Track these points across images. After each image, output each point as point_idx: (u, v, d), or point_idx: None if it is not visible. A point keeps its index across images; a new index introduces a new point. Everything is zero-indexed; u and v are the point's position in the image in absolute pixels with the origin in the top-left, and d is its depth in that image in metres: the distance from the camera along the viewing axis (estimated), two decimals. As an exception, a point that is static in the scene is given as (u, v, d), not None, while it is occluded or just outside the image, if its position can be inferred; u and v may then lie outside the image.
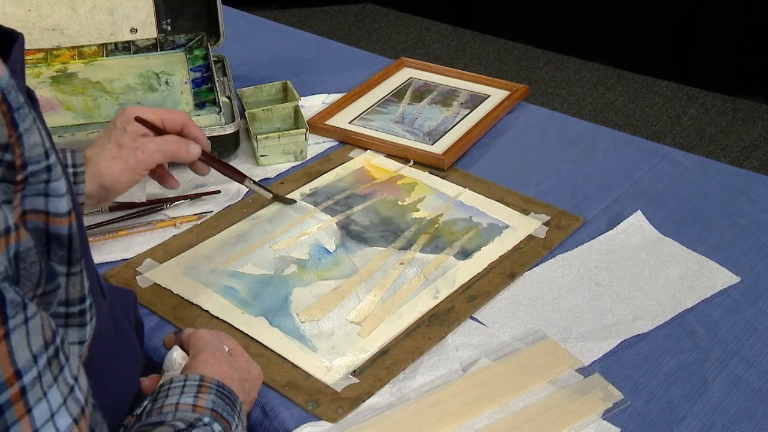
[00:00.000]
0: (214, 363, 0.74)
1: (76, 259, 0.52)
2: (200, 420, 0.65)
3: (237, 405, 0.70)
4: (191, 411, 0.66)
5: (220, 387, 0.70)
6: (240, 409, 0.70)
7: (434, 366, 0.86)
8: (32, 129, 0.48)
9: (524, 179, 1.16)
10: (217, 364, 0.74)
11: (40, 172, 0.48)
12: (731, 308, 0.93)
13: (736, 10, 2.70)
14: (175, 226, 1.07)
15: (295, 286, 0.97)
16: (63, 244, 0.51)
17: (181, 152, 0.95)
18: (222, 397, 0.69)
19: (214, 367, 0.73)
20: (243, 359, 0.80)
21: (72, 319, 0.53)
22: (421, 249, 1.02)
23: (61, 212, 0.50)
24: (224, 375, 0.73)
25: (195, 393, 0.68)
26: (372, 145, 1.22)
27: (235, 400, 0.70)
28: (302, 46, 1.57)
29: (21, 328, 0.44)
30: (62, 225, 0.50)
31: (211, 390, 0.69)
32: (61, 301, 0.52)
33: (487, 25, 3.29)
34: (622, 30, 2.99)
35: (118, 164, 0.92)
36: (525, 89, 1.36)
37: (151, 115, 0.95)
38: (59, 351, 0.47)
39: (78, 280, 0.53)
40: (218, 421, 0.66)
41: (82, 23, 1.35)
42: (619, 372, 0.85)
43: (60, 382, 0.47)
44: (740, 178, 1.15)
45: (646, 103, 2.81)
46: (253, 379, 0.79)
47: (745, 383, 0.84)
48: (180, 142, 0.96)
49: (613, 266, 0.99)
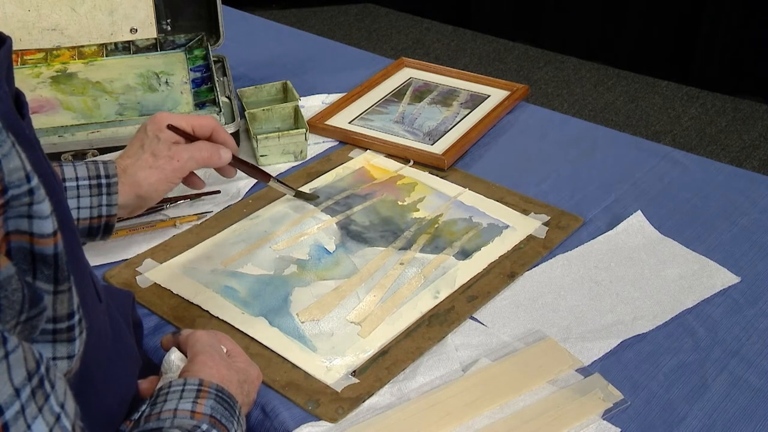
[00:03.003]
0: (212, 366, 0.74)
1: (64, 277, 0.52)
2: (198, 427, 0.64)
3: (236, 409, 0.70)
4: (189, 417, 0.66)
5: (219, 391, 0.70)
6: (239, 413, 0.70)
7: (434, 366, 0.86)
8: (11, 154, 0.47)
9: (524, 179, 1.16)
10: (215, 367, 0.74)
11: (22, 196, 0.48)
12: (731, 308, 0.93)
13: (736, 10, 2.70)
14: (175, 226, 1.07)
15: (295, 286, 0.97)
16: (49, 263, 0.50)
17: (214, 158, 0.97)
18: (221, 402, 0.69)
19: (213, 370, 0.73)
20: (241, 360, 0.79)
21: (60, 335, 0.53)
22: (421, 249, 1.02)
23: (46, 233, 0.49)
24: (223, 378, 0.73)
25: (194, 398, 0.68)
26: (372, 145, 1.22)
27: (234, 405, 0.70)
28: (302, 46, 1.57)
29: (1, 363, 0.44)
30: (47, 245, 0.50)
31: (210, 395, 0.69)
32: (49, 318, 0.52)
33: (487, 25, 3.29)
34: (622, 30, 2.99)
35: (155, 174, 0.94)
36: (525, 89, 1.36)
37: (182, 122, 0.96)
38: (44, 380, 0.47)
39: (66, 297, 0.53)
40: (216, 427, 0.66)
41: (82, 23, 1.35)
42: (619, 372, 0.85)
43: (45, 412, 0.46)
44: (740, 178, 1.15)
45: (646, 103, 2.81)
46: (252, 380, 0.79)
47: (745, 383, 0.84)
48: (212, 149, 0.97)
49: (613, 266, 0.99)
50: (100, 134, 1.14)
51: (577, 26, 3.08)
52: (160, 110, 1.20)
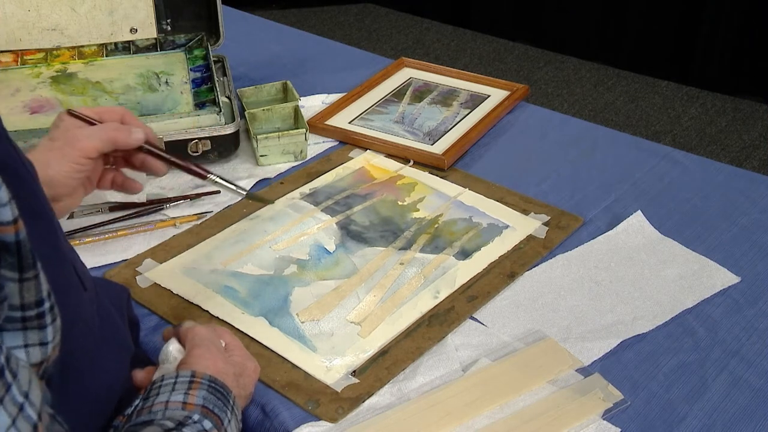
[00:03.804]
0: (209, 358, 0.74)
1: (29, 265, 0.52)
2: (190, 418, 0.64)
3: (230, 400, 0.70)
4: (181, 408, 0.66)
5: (212, 382, 0.70)
6: (234, 404, 0.70)
7: (434, 366, 0.86)
8: None
9: (524, 179, 1.16)
10: (212, 360, 0.74)
11: None
12: (731, 308, 0.93)
13: (736, 10, 2.70)
14: (175, 226, 1.07)
15: (295, 286, 0.97)
16: (11, 251, 0.50)
17: (122, 136, 0.86)
18: (213, 393, 0.69)
19: (209, 363, 0.73)
20: (239, 354, 0.80)
21: (30, 322, 0.53)
22: (421, 249, 1.02)
23: (4, 221, 0.49)
24: (219, 370, 0.73)
25: (186, 390, 0.68)
26: (372, 145, 1.22)
27: (227, 395, 0.70)
28: (302, 46, 1.57)
29: None
30: (8, 233, 0.49)
31: (203, 386, 0.69)
32: (16, 305, 0.52)
33: (487, 25, 3.29)
34: (622, 30, 2.99)
35: (53, 156, 0.85)
36: (525, 89, 1.36)
37: (85, 110, 0.90)
38: (4, 370, 0.47)
39: (33, 285, 0.52)
40: (209, 417, 0.66)
41: (82, 23, 1.35)
42: (619, 372, 0.85)
43: (7, 402, 0.47)
44: (740, 178, 1.15)
45: (646, 103, 2.81)
46: (249, 374, 0.79)
47: (745, 383, 0.84)
48: (120, 127, 0.87)
49: (613, 266, 0.99)
50: (100, 134, 1.14)
51: (577, 26, 3.08)
52: (160, 110, 1.20)
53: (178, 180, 1.16)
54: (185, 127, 1.16)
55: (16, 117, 1.18)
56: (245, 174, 1.17)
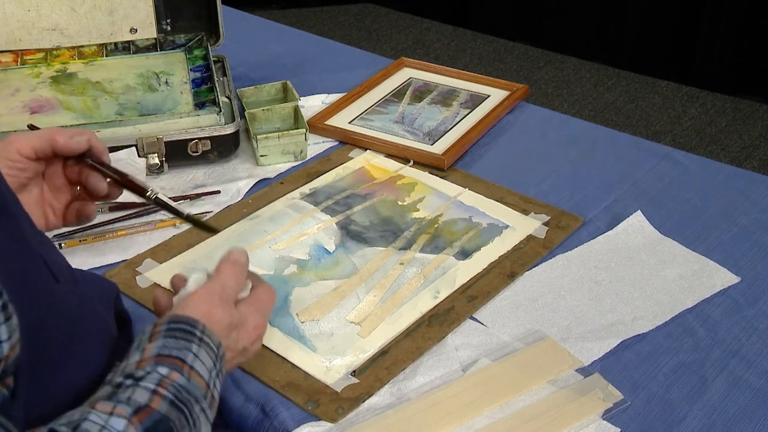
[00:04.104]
0: (205, 302, 0.72)
1: None
2: (144, 378, 0.63)
3: (195, 335, 0.68)
4: (135, 368, 0.64)
5: (172, 323, 0.68)
6: (203, 339, 0.68)
7: (434, 366, 0.86)
8: None
9: (524, 179, 1.16)
10: (206, 305, 0.72)
11: None
12: (731, 308, 0.93)
13: (736, 10, 2.70)
14: (175, 226, 1.07)
15: (295, 286, 0.97)
16: None
17: (61, 138, 0.80)
18: (172, 335, 0.67)
19: (204, 306, 0.72)
20: (246, 308, 0.77)
21: None
22: (421, 249, 1.02)
23: None
24: (211, 316, 0.71)
25: (143, 347, 0.66)
26: (372, 145, 1.22)
27: (193, 329, 0.68)
28: (302, 46, 1.57)
29: None
30: None
31: (160, 334, 0.67)
32: None
33: (487, 25, 3.29)
34: (622, 30, 2.99)
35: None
36: (525, 89, 1.36)
37: None
38: None
39: None
40: (163, 363, 0.64)
41: (81, 23, 1.35)
42: (619, 372, 0.85)
43: None
44: (740, 178, 1.15)
45: (646, 103, 2.81)
46: (248, 329, 0.77)
47: (745, 383, 0.84)
48: (61, 131, 0.82)
49: (613, 266, 0.99)
50: (100, 134, 1.14)
51: (577, 26, 3.08)
52: (160, 110, 1.20)
53: (178, 180, 1.16)
54: (185, 127, 1.16)
55: (16, 117, 1.18)
56: (245, 174, 1.17)
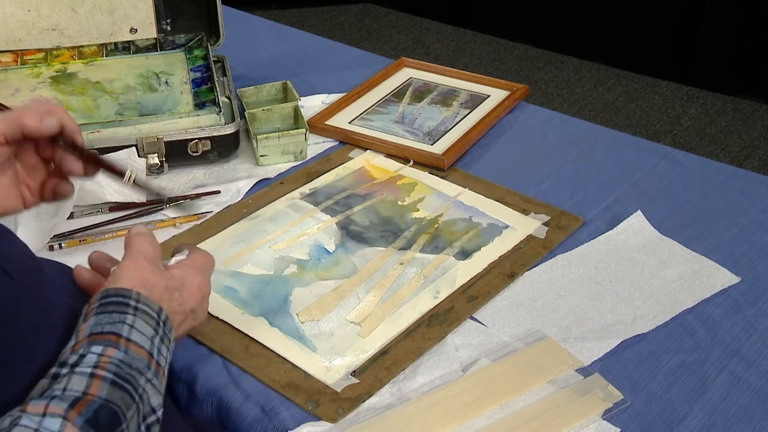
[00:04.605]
0: (134, 269, 0.70)
1: None
2: (78, 363, 0.60)
3: (130, 305, 0.66)
4: (70, 353, 0.62)
5: (104, 298, 0.66)
6: (144, 309, 0.66)
7: (434, 366, 0.86)
8: None
9: (524, 179, 1.16)
10: (137, 272, 0.70)
11: None
12: (731, 308, 0.93)
13: (736, 10, 2.70)
14: (174, 226, 1.07)
15: (295, 286, 0.97)
16: None
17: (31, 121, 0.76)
18: (103, 311, 0.65)
19: (134, 274, 0.70)
20: (184, 268, 0.76)
21: None
22: (421, 249, 1.02)
23: None
24: (144, 282, 0.69)
25: (78, 328, 0.64)
26: (372, 145, 1.22)
27: (126, 300, 0.66)
28: (302, 46, 1.57)
29: None
30: None
31: (93, 312, 0.65)
32: None
33: (487, 25, 3.29)
34: (622, 30, 2.99)
35: None
36: (525, 89, 1.36)
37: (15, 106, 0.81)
38: None
39: None
40: (97, 342, 0.62)
41: (81, 23, 1.35)
42: (619, 372, 0.85)
43: None
44: (740, 178, 1.15)
45: (646, 103, 2.81)
46: (192, 290, 0.74)
47: (745, 383, 0.84)
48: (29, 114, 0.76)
49: (613, 266, 0.99)
50: (100, 134, 1.14)
51: (577, 26, 3.08)
52: (160, 110, 1.20)
53: (178, 180, 1.16)
54: (185, 127, 1.16)
55: (16, 117, 1.18)
56: (245, 174, 1.17)
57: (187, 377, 0.86)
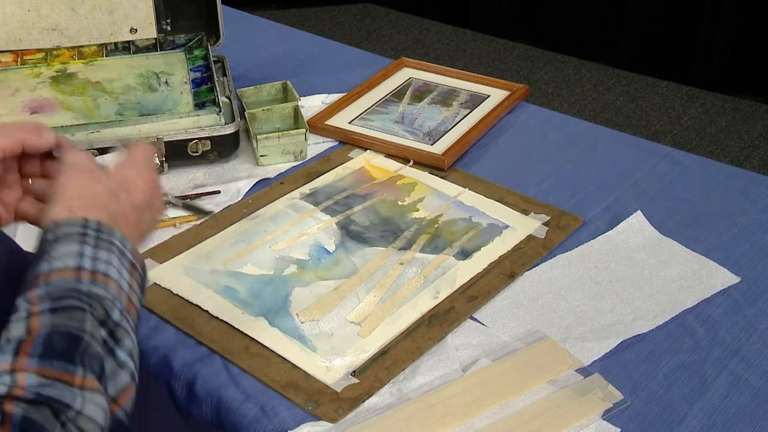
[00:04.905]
0: (73, 184, 0.69)
1: None
2: None
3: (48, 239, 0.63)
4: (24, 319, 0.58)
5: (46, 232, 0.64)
6: (66, 231, 0.64)
7: (434, 366, 0.86)
8: None
9: (524, 179, 1.16)
10: (78, 184, 0.69)
11: None
12: (731, 308, 0.93)
13: (736, 10, 2.70)
14: (174, 226, 1.07)
15: (295, 286, 0.97)
16: None
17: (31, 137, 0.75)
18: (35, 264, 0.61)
19: (74, 189, 0.68)
20: (122, 166, 0.74)
21: None
22: (421, 249, 1.02)
23: None
24: (89, 193, 0.68)
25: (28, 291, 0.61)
26: (372, 145, 1.22)
27: (44, 237, 0.63)
28: (302, 46, 1.57)
29: None
30: None
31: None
32: None
33: (487, 25, 3.29)
34: (622, 30, 2.99)
35: None
36: (525, 89, 1.36)
37: None
38: None
39: None
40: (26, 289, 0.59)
41: (81, 23, 1.35)
42: (619, 372, 0.85)
43: None
44: (740, 178, 1.15)
45: (646, 103, 2.81)
46: (138, 186, 0.73)
47: (745, 383, 0.84)
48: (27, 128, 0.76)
49: (613, 266, 0.99)
50: (100, 134, 1.14)
51: (577, 26, 3.08)
52: (160, 110, 1.20)
53: (178, 180, 1.16)
54: (185, 127, 1.16)
55: (16, 117, 1.18)
56: (245, 174, 1.17)
57: (186, 377, 0.86)
